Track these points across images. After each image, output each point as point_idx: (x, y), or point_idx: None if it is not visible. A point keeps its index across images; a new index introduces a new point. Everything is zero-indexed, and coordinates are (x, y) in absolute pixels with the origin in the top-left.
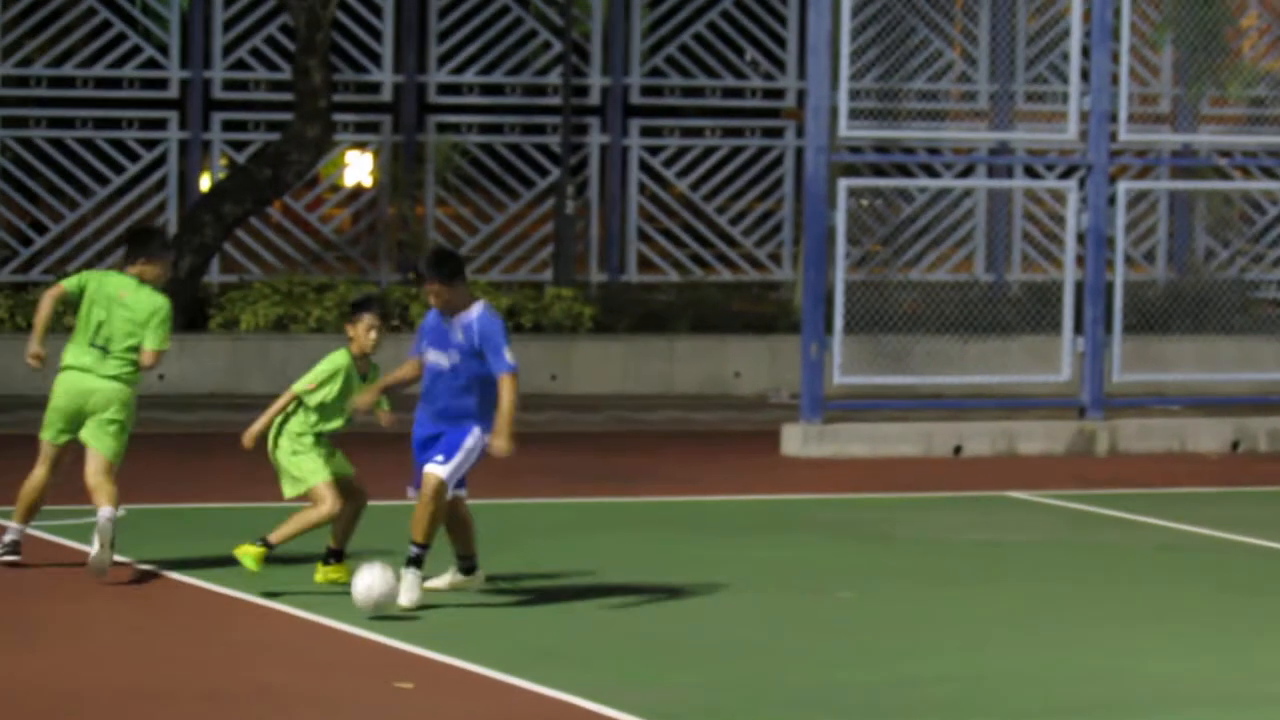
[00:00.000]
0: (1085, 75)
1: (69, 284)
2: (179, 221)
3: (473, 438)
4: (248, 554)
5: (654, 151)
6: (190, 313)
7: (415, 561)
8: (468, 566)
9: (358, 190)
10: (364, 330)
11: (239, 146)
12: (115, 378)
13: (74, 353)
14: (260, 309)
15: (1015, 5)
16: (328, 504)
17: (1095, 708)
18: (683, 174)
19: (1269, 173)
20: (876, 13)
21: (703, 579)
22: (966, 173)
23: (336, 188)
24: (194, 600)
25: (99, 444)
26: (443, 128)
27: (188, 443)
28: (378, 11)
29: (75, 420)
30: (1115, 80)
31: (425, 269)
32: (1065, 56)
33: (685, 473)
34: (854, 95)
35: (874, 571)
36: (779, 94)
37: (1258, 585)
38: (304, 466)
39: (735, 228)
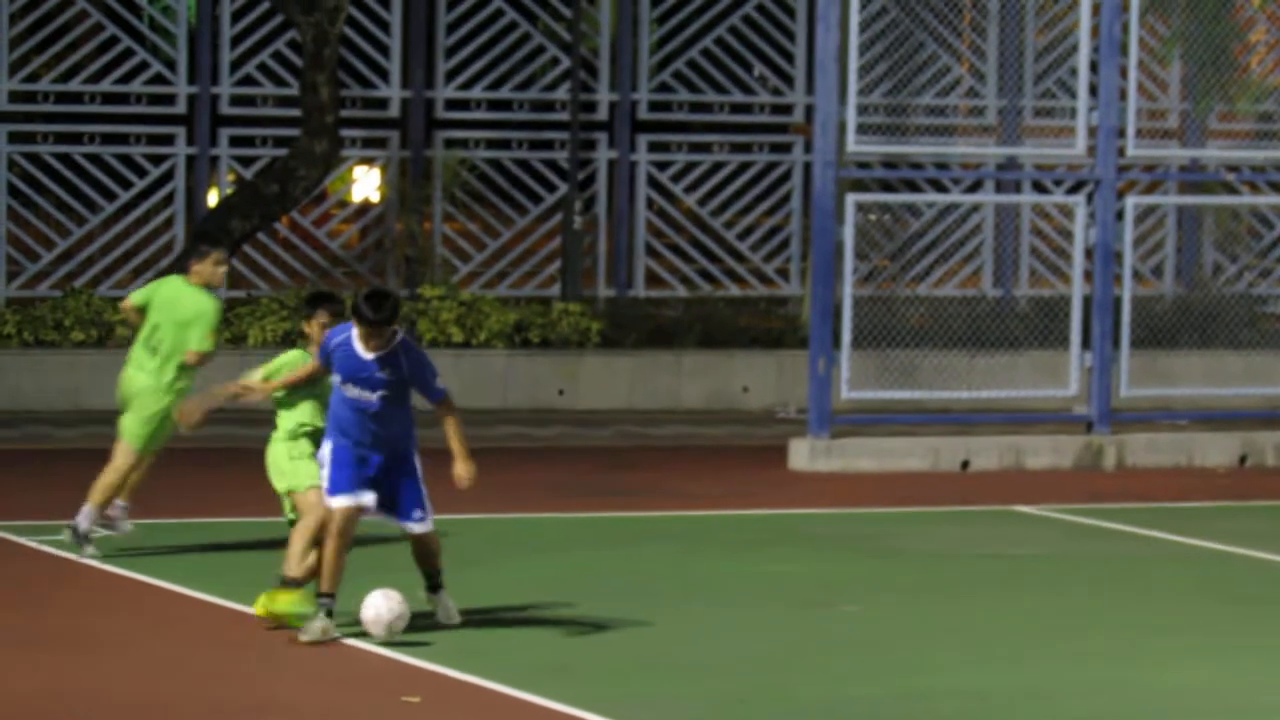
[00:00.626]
0: (1093, 90)
1: (136, 298)
2: (186, 237)
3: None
4: (285, 601)
5: (662, 167)
6: None
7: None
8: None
9: (365, 206)
10: (318, 328)
11: (246, 162)
12: (161, 377)
13: (133, 353)
14: (268, 324)
15: (1023, 20)
16: (317, 509)
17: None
18: (690, 189)
19: (1277, 188)
20: (884, 28)
21: (710, 594)
22: (974, 188)
23: (344, 203)
24: (200, 613)
25: (124, 431)
26: (450, 143)
27: (196, 457)
28: (385, 27)
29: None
30: (1123, 95)
31: (367, 310)
32: (1073, 72)
33: (692, 487)
34: (862, 110)
35: (881, 586)
36: (787, 109)
37: (1265, 598)
38: (299, 471)
39: (743, 243)
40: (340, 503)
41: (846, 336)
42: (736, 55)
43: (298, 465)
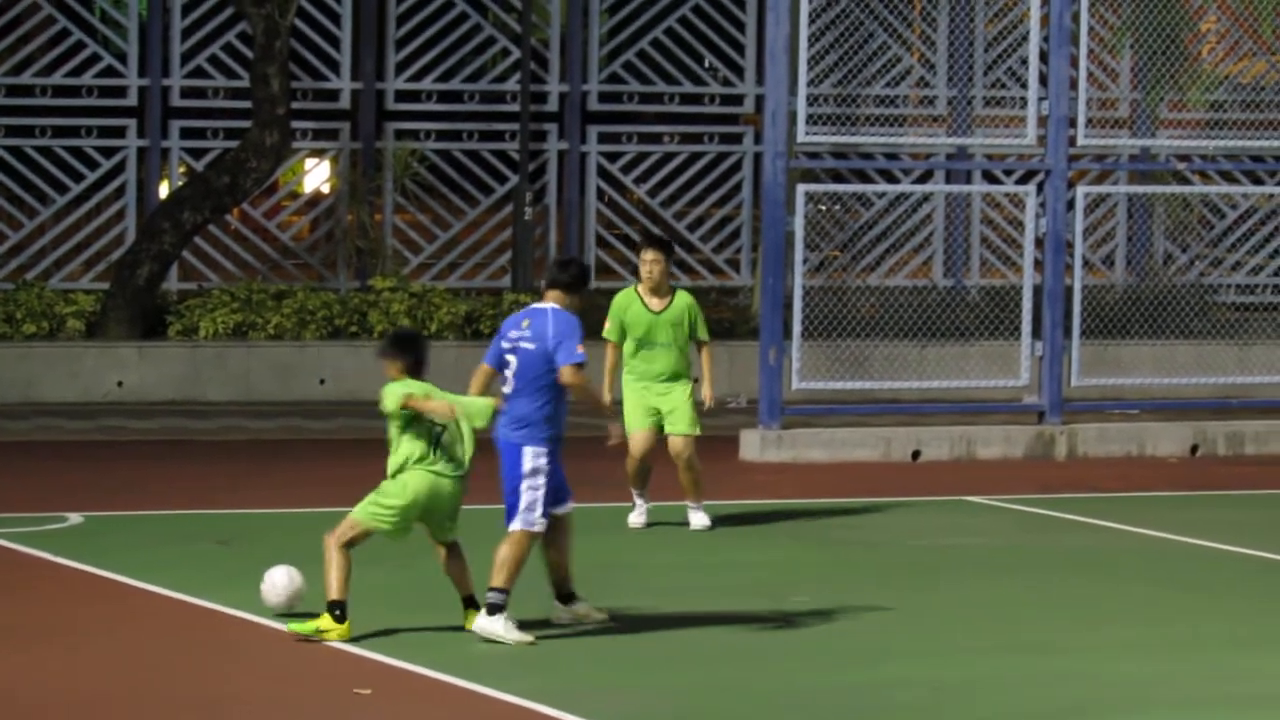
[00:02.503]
0: (1043, 80)
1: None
2: (137, 229)
3: None
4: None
5: (612, 158)
6: (149, 320)
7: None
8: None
9: (316, 197)
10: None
11: (197, 154)
12: None
13: None
14: (219, 316)
15: (973, 10)
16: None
17: (1059, 711)
18: (641, 180)
19: (1227, 177)
20: (834, 18)
21: (662, 585)
22: (925, 178)
23: (295, 195)
24: (153, 607)
25: None
26: (401, 134)
27: (147, 449)
28: (336, 19)
29: None
30: (1074, 85)
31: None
32: (1023, 61)
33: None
34: (812, 101)
35: (834, 576)
36: (737, 100)
37: (1218, 588)
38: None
39: (694, 234)
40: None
41: (797, 327)
42: (687, 46)
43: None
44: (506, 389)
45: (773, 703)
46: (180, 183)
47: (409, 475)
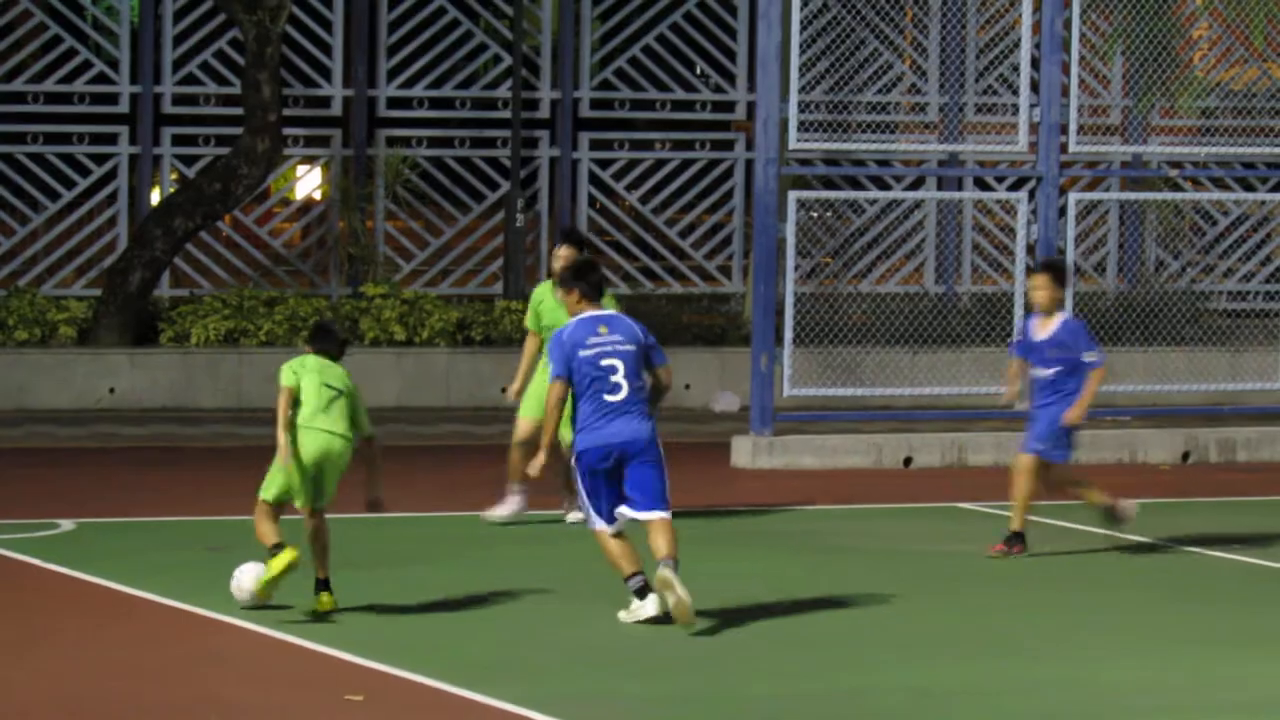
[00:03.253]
0: (1035, 87)
1: None
2: (129, 236)
3: None
4: None
5: (604, 164)
6: (140, 327)
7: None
8: None
9: (308, 204)
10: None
11: (189, 161)
12: None
13: None
14: (211, 323)
15: (965, 17)
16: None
17: (1046, 717)
18: (632, 187)
19: (1219, 184)
20: (826, 25)
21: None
22: (916, 185)
23: (287, 201)
24: (144, 613)
25: None
26: (392, 141)
27: (139, 456)
28: (327, 26)
29: None
30: (1065, 92)
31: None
32: (1015, 68)
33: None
34: (804, 108)
35: (824, 583)
36: (729, 107)
37: (1208, 595)
38: None
39: (685, 240)
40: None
41: (788, 334)
42: (678, 53)
43: None
44: (618, 396)
45: (761, 709)
46: (172, 189)
47: (300, 434)
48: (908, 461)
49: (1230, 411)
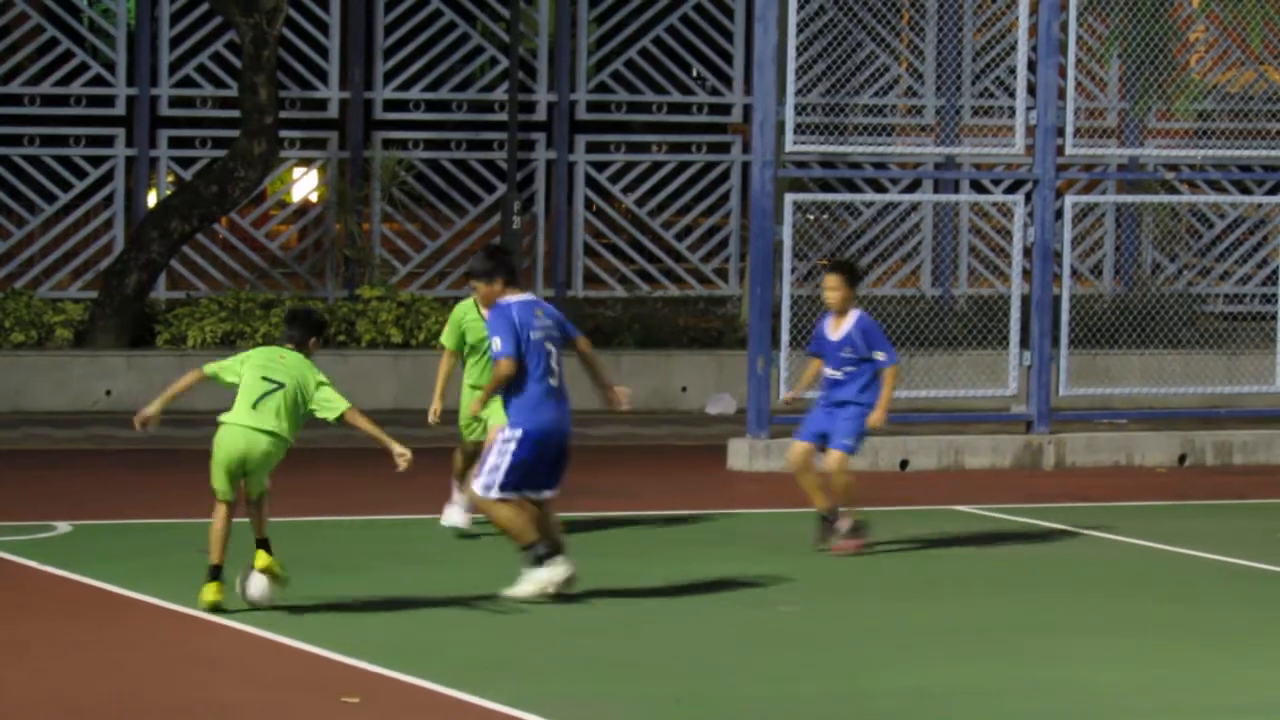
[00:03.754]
0: (1032, 90)
1: None
2: (126, 238)
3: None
4: None
5: (600, 167)
6: (137, 329)
7: None
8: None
9: (304, 206)
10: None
11: (186, 163)
12: None
13: None
14: (207, 325)
15: (962, 20)
16: None
17: (1044, 719)
18: (629, 189)
19: (1216, 186)
20: (822, 28)
21: (650, 594)
22: (913, 187)
23: (283, 204)
24: (140, 615)
25: None
26: (389, 144)
27: (135, 458)
28: (324, 28)
29: None
30: (1062, 95)
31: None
32: (1011, 71)
33: (632, 487)
34: (800, 110)
35: (819, 585)
36: (725, 109)
37: (1204, 598)
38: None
39: (682, 243)
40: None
41: (785, 336)
42: (674, 55)
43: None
44: (555, 380)
45: (757, 711)
46: (168, 192)
47: (222, 430)
48: (904, 464)
49: (1227, 414)
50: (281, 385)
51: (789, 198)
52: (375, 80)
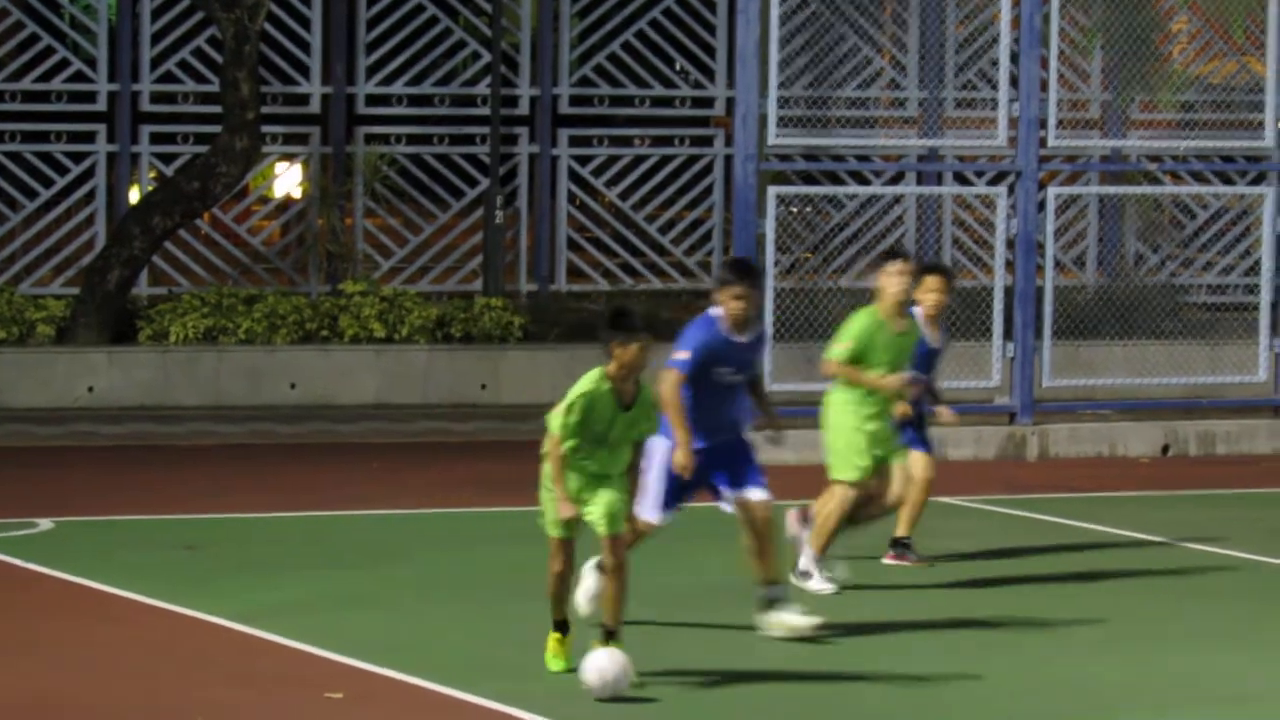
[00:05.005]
0: (1014, 81)
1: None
2: (107, 234)
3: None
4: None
5: (583, 161)
6: (119, 325)
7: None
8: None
9: (287, 202)
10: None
11: (167, 159)
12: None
13: None
14: (189, 321)
15: (944, 12)
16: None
17: (1028, 714)
18: (612, 183)
19: (1198, 177)
20: (805, 21)
21: (637, 586)
22: (896, 180)
23: (265, 199)
24: (124, 612)
25: None
26: (371, 139)
27: (117, 454)
28: (306, 23)
29: None
30: (1044, 86)
31: (736, 274)
32: (994, 63)
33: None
34: (783, 103)
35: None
36: (708, 103)
37: (1187, 588)
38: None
39: (665, 236)
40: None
41: (768, 330)
42: (657, 49)
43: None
44: None
45: (748, 705)
46: (150, 188)
47: None
48: None
49: (1210, 405)
50: None
51: (772, 190)
52: (357, 75)
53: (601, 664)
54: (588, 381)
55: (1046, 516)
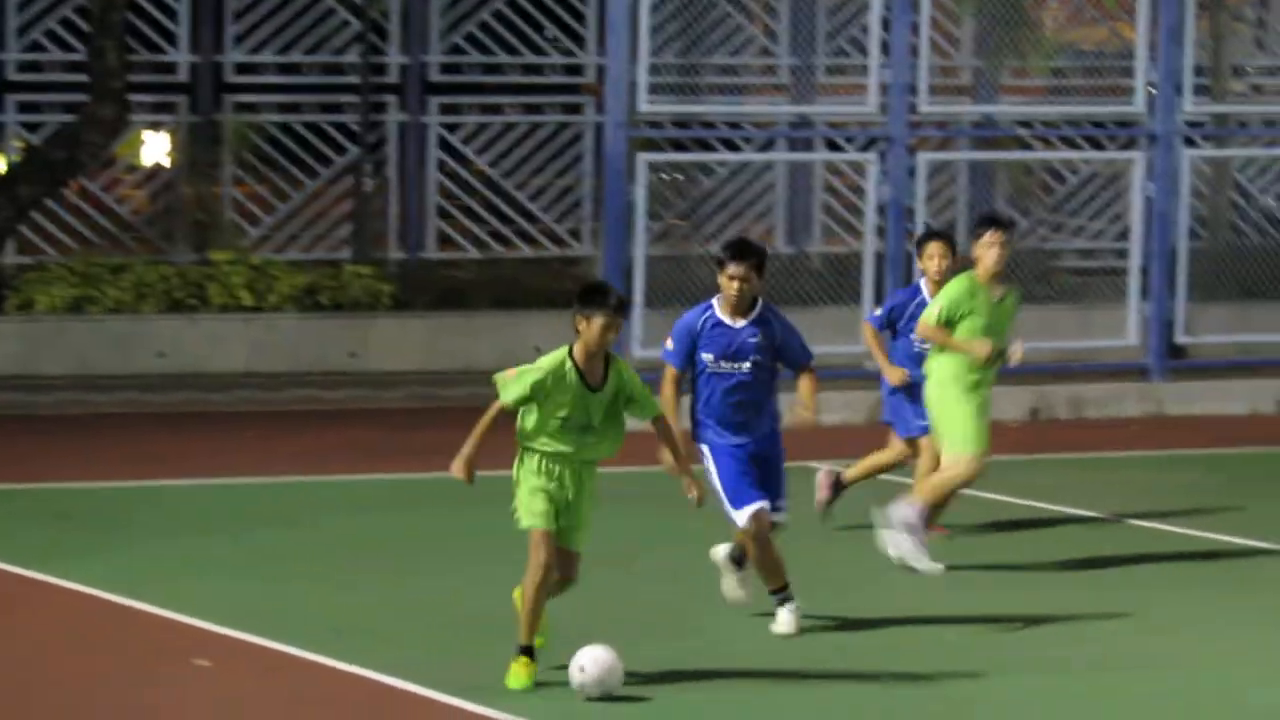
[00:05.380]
0: (885, 48)
1: None
2: None
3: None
4: None
5: (453, 129)
6: None
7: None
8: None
9: (155, 171)
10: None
11: (33, 128)
12: None
13: None
14: (56, 291)
15: None
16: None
17: (897, 677)
18: (482, 151)
19: (1069, 143)
20: None
21: (506, 553)
22: (767, 146)
23: (133, 168)
24: None
25: None
26: (240, 107)
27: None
28: None
29: None
30: (915, 53)
31: (731, 253)
32: (865, 29)
33: (487, 447)
34: (653, 70)
35: (673, 539)
36: (578, 70)
37: (1058, 550)
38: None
39: (535, 204)
40: (750, 510)
41: (639, 296)
42: (528, 16)
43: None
44: None
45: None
46: (16, 158)
47: None
48: None
49: (1080, 369)
50: None
51: (642, 158)
52: (225, 43)
53: (597, 657)
54: (549, 359)
55: (913, 481)
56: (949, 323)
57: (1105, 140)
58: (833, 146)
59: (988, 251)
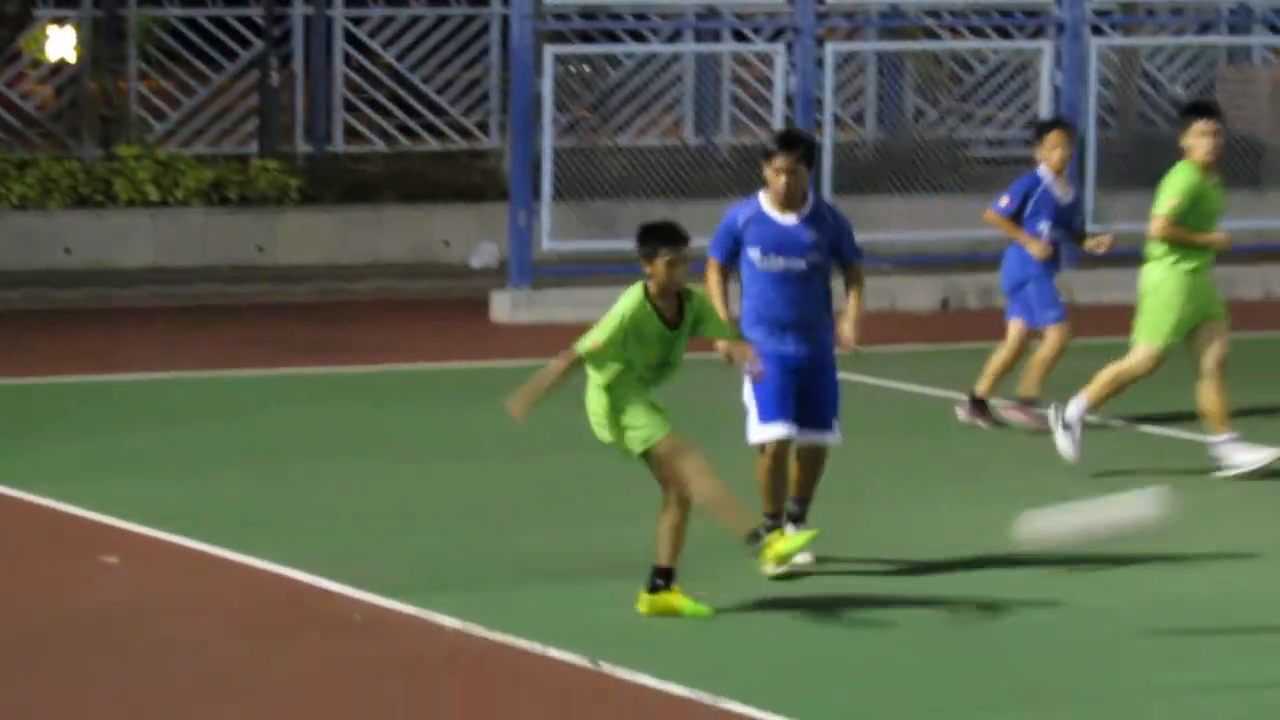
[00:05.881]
0: None
1: None
2: None
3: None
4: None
5: (358, 22)
6: None
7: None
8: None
9: (59, 66)
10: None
11: None
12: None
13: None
14: None
15: None
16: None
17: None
18: (389, 44)
19: (977, 32)
20: None
21: (416, 447)
22: (674, 38)
23: (38, 63)
24: None
25: None
26: (144, 1)
27: None
28: None
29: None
30: None
31: (779, 143)
32: None
33: (394, 341)
34: None
35: (582, 437)
36: None
37: (969, 439)
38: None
39: (442, 97)
40: (772, 433)
41: (547, 189)
42: None
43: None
44: None
45: (532, 564)
46: None
47: None
48: None
49: (989, 258)
50: None
51: (549, 50)
52: None
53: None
54: (626, 303)
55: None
56: (1181, 218)
57: (1013, 29)
58: (740, 38)
59: (1200, 140)
